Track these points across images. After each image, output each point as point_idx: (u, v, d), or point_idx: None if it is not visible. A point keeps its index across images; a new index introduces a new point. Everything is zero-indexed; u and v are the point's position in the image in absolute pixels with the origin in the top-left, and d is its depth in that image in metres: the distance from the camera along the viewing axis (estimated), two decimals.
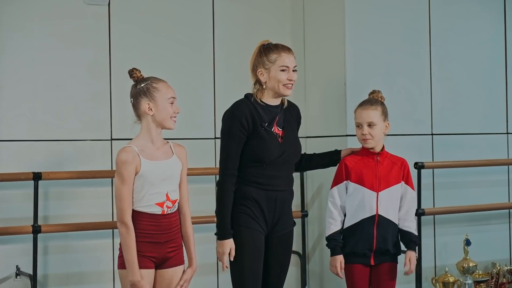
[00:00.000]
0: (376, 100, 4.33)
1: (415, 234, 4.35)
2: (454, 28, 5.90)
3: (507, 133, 6.13)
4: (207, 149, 5.44)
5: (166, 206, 3.79)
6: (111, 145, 5.16)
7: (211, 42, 5.53)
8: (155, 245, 3.76)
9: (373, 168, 4.27)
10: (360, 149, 4.35)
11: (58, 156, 5.05)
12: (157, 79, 3.84)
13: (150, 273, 3.77)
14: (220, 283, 5.45)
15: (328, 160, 4.41)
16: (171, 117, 3.82)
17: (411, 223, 4.33)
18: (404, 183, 4.33)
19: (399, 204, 4.32)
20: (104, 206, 5.06)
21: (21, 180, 4.82)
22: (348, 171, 4.27)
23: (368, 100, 4.35)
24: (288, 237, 4.16)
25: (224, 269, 4.00)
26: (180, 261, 3.86)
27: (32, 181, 4.78)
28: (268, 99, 4.07)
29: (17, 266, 4.88)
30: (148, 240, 3.75)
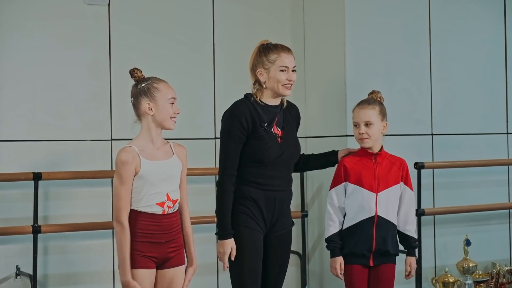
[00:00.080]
0: (374, 100, 4.31)
1: (415, 238, 4.34)
2: (454, 28, 5.90)
3: (507, 133, 6.13)
4: (207, 149, 5.44)
5: (167, 206, 3.79)
6: (111, 145, 5.16)
7: (211, 42, 5.53)
8: (156, 245, 3.76)
9: (372, 169, 4.25)
10: (359, 150, 4.33)
11: (58, 156, 5.05)
12: (158, 79, 3.84)
13: (151, 273, 3.77)
14: (220, 283, 5.45)
15: (325, 161, 4.39)
16: (171, 118, 3.81)
17: (411, 226, 4.32)
18: (403, 184, 4.32)
19: (398, 205, 4.31)
20: (104, 206, 5.06)
21: (21, 180, 4.82)
22: (347, 172, 4.25)
23: (366, 100, 4.33)
24: (287, 237, 4.16)
25: (225, 269, 4.00)
26: (181, 261, 3.86)
27: (32, 181, 4.78)
28: (268, 99, 4.07)
29: (17, 266, 4.88)
30: (149, 240, 3.75)
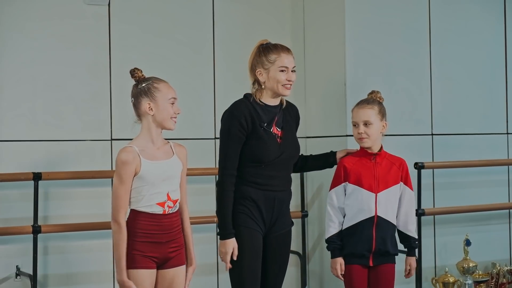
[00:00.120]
0: (374, 100, 4.30)
1: (416, 238, 4.34)
2: (454, 28, 5.90)
3: (507, 133, 6.13)
4: (207, 149, 5.44)
5: (167, 206, 3.79)
6: (111, 145, 5.16)
7: (211, 42, 5.53)
8: (157, 245, 3.76)
9: (372, 169, 4.24)
10: (358, 150, 4.33)
11: (58, 156, 5.05)
12: (158, 79, 3.84)
13: (152, 273, 3.77)
14: (220, 283, 5.45)
15: (323, 162, 4.38)
16: (172, 118, 3.81)
17: (412, 226, 4.31)
18: (403, 184, 4.31)
19: (398, 205, 4.31)
20: (104, 207, 5.04)
21: (21, 180, 4.82)
22: (347, 173, 4.25)
23: (365, 100, 4.32)
24: (286, 237, 4.15)
25: (227, 269, 3.99)
26: (182, 261, 3.86)
27: (32, 181, 4.78)
28: (267, 99, 4.06)
29: (17, 266, 4.88)
30: (150, 240, 3.74)
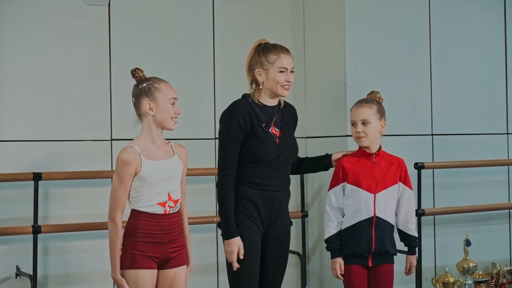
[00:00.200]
0: (373, 99, 4.29)
1: (416, 237, 4.34)
2: (454, 28, 5.90)
3: (507, 134, 6.13)
4: (207, 149, 5.44)
5: (168, 206, 3.78)
6: (111, 146, 5.15)
7: (211, 42, 5.53)
8: (158, 245, 3.75)
9: (370, 169, 4.24)
10: (357, 150, 4.32)
11: (58, 156, 5.05)
12: (159, 80, 3.83)
13: (153, 274, 3.76)
14: (220, 283, 5.44)
15: (318, 165, 4.37)
16: (172, 118, 3.80)
17: (412, 225, 4.31)
18: (402, 184, 4.30)
19: (398, 205, 4.31)
20: (104, 207, 4.98)
21: (21, 180, 4.82)
22: (345, 173, 4.24)
23: (364, 99, 4.32)
24: (285, 237, 4.14)
25: (235, 269, 3.95)
26: (183, 261, 3.85)
27: (32, 181, 4.78)
28: (265, 100, 4.06)
29: (17, 266, 4.88)
30: (151, 240, 3.74)
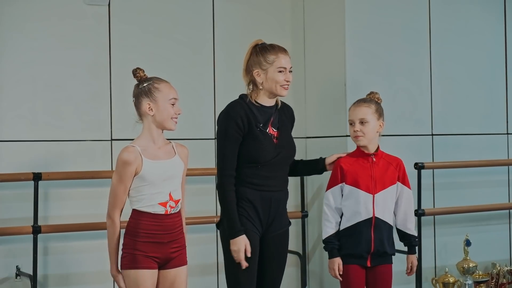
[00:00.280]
0: (371, 99, 4.28)
1: (416, 236, 4.34)
2: (454, 28, 5.90)
3: (507, 134, 6.13)
4: (207, 149, 5.44)
5: (169, 206, 3.78)
6: (111, 146, 5.15)
7: (211, 42, 5.53)
8: (159, 245, 3.75)
9: (369, 170, 4.23)
10: (355, 150, 4.31)
11: (58, 156, 5.05)
12: (160, 80, 3.82)
13: (153, 274, 3.76)
14: (220, 283, 5.44)
15: (311, 169, 4.35)
16: (172, 118, 3.80)
17: (411, 225, 4.31)
18: (400, 183, 4.29)
19: (397, 204, 4.30)
20: (104, 207, 5.00)
21: (21, 180, 4.82)
22: (344, 174, 4.22)
23: (363, 99, 4.31)
24: (284, 237, 4.13)
25: (244, 267, 3.93)
26: (183, 262, 3.85)
27: (32, 181, 4.78)
28: (263, 100, 4.05)
29: (17, 267, 4.88)
30: (152, 240, 3.74)
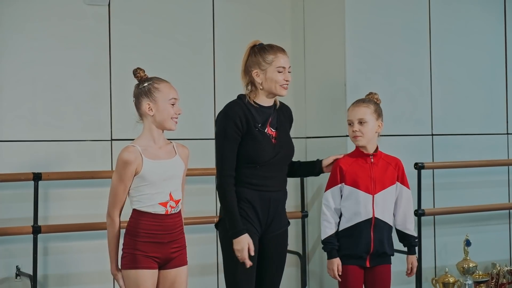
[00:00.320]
0: (370, 100, 4.28)
1: (415, 236, 4.33)
2: (454, 28, 5.90)
3: (507, 134, 6.13)
4: (207, 149, 5.43)
5: (170, 206, 3.78)
6: (111, 146, 5.15)
7: (211, 42, 5.53)
8: (159, 245, 3.75)
9: (368, 170, 4.22)
10: (354, 150, 4.30)
11: (58, 156, 5.05)
12: (160, 80, 3.82)
13: (154, 274, 3.76)
14: (220, 283, 5.44)
15: (308, 171, 4.35)
16: (172, 118, 3.79)
17: (411, 225, 4.30)
18: (400, 184, 4.29)
19: (396, 205, 4.30)
20: (104, 207, 5.01)
21: (21, 180, 4.82)
22: (343, 174, 4.21)
23: (362, 99, 4.30)
24: (283, 237, 4.13)
25: (248, 266, 3.92)
26: (184, 262, 3.85)
27: (32, 181, 4.78)
28: (261, 100, 4.04)
29: (17, 267, 4.88)
30: (152, 240, 3.74)
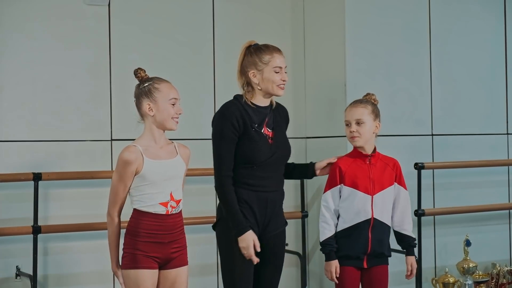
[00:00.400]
0: (367, 100, 4.29)
1: (413, 237, 4.32)
2: (454, 28, 5.90)
3: (507, 134, 6.13)
4: (207, 149, 5.37)
5: (171, 206, 3.78)
6: (111, 146, 5.15)
7: (211, 42, 5.53)
8: (159, 245, 3.75)
9: (367, 171, 4.22)
10: (352, 151, 4.30)
11: (58, 156, 5.05)
12: (160, 80, 3.82)
13: (154, 274, 3.76)
14: (220, 283, 5.44)
15: (301, 173, 4.35)
16: (173, 118, 3.79)
17: (408, 226, 4.30)
18: (397, 184, 4.29)
19: (394, 206, 4.30)
20: (104, 207, 5.01)
21: (21, 181, 4.82)
22: (342, 175, 4.21)
23: (359, 100, 4.31)
24: (280, 237, 4.12)
25: (255, 262, 3.91)
26: (184, 262, 3.85)
27: (32, 181, 4.78)
28: (258, 100, 4.03)
29: (17, 267, 4.88)
30: (152, 240, 3.74)
